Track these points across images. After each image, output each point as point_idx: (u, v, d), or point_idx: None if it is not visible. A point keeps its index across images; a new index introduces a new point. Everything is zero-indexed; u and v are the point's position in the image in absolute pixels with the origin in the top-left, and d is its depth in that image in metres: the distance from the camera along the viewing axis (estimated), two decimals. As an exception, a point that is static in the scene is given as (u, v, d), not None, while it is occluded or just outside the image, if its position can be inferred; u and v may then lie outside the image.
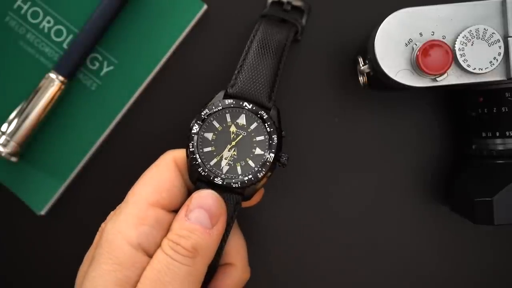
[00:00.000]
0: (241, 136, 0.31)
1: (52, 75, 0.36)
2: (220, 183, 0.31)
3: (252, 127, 0.31)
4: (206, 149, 0.31)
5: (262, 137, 0.31)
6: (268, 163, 0.31)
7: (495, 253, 0.40)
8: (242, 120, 0.31)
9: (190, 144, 0.31)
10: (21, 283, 0.40)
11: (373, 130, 0.39)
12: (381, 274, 0.40)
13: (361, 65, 0.34)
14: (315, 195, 0.39)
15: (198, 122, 0.31)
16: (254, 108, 0.31)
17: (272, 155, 0.31)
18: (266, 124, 0.31)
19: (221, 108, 0.31)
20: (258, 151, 0.31)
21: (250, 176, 0.31)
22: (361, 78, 0.35)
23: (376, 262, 0.40)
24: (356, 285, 0.40)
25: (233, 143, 0.31)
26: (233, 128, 0.31)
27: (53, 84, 0.36)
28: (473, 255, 0.40)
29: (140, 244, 0.29)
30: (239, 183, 0.31)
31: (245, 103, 0.31)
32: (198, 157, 0.31)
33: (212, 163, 0.31)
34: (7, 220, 0.40)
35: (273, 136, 0.31)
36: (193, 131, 0.31)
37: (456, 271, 0.40)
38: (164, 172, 0.32)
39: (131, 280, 0.28)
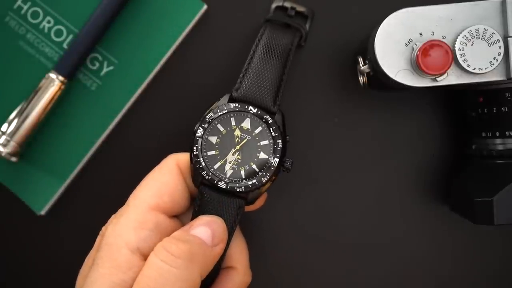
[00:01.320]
0: (246, 140, 0.31)
1: (52, 75, 0.36)
2: (224, 187, 0.31)
3: (257, 131, 0.31)
4: (210, 153, 0.31)
5: (266, 142, 0.31)
6: (272, 168, 0.31)
7: (495, 253, 0.40)
8: (246, 124, 0.31)
9: (194, 148, 0.31)
10: (21, 283, 0.40)
11: (373, 130, 0.39)
12: (381, 274, 0.40)
13: (361, 65, 0.34)
14: (315, 196, 0.39)
15: (203, 125, 0.31)
16: (259, 112, 0.31)
17: (277, 159, 0.31)
18: (271, 128, 0.31)
19: (226, 111, 0.31)
20: (262, 155, 0.31)
21: (254, 181, 0.31)
22: (361, 78, 0.35)
23: (377, 262, 0.40)
24: (356, 285, 0.40)
25: (238, 147, 0.31)
26: (237, 132, 0.31)
27: (53, 84, 0.36)
28: (473, 255, 0.40)
29: (139, 248, 0.29)
30: (243, 187, 0.31)
31: (250, 107, 0.31)
32: (202, 160, 0.31)
33: (216, 166, 0.31)
34: (7, 220, 0.40)
35: (277, 141, 0.31)
36: (197, 135, 0.31)
37: (456, 271, 0.40)
38: (166, 175, 0.32)
39: (127, 284, 0.28)
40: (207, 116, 0.31)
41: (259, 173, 0.31)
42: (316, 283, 0.40)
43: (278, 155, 0.31)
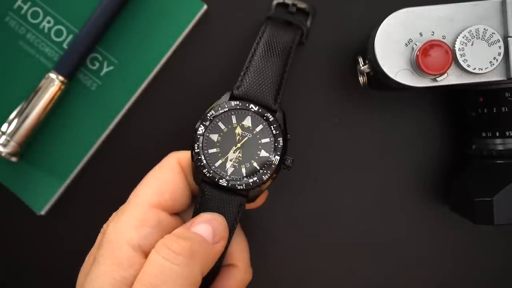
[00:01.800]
0: (247, 138, 0.31)
1: (52, 75, 0.36)
2: (225, 184, 0.31)
3: (258, 129, 0.31)
4: (211, 151, 0.31)
5: (267, 139, 0.31)
6: (273, 166, 0.31)
7: (495, 253, 0.40)
8: (247, 122, 0.31)
9: (196, 145, 0.31)
10: (21, 283, 0.40)
11: (373, 130, 0.39)
12: (381, 274, 0.40)
13: (361, 65, 0.34)
14: (316, 195, 0.39)
15: (204, 123, 0.31)
16: (260, 110, 0.31)
17: (278, 157, 0.31)
18: (271, 126, 0.31)
19: (227, 109, 0.31)
20: (263, 153, 0.31)
21: (255, 179, 0.31)
22: (361, 78, 0.35)
23: (377, 262, 0.40)
24: (356, 285, 0.40)
25: (238, 145, 0.31)
26: (238, 130, 0.31)
27: (53, 84, 0.36)
28: (473, 255, 0.40)
29: (140, 245, 0.29)
30: (243, 185, 0.31)
31: (251, 105, 0.31)
32: (203, 158, 0.31)
33: (217, 164, 0.31)
34: (7, 220, 0.40)
35: (278, 139, 0.31)
36: (198, 132, 0.31)
37: (456, 271, 0.40)
38: (167, 173, 0.32)
39: (128, 281, 0.28)
40: (208, 114, 0.31)
41: (260, 170, 0.31)
42: (316, 281, 0.40)
43: (279, 153, 0.31)
